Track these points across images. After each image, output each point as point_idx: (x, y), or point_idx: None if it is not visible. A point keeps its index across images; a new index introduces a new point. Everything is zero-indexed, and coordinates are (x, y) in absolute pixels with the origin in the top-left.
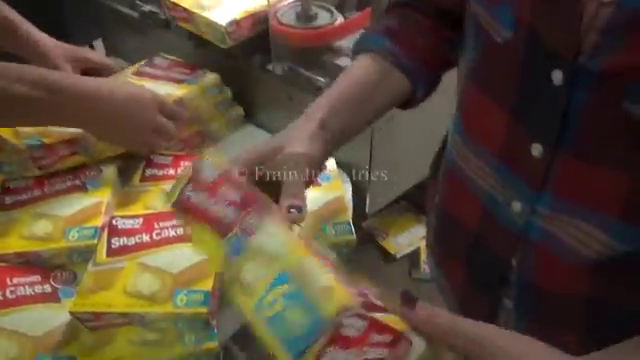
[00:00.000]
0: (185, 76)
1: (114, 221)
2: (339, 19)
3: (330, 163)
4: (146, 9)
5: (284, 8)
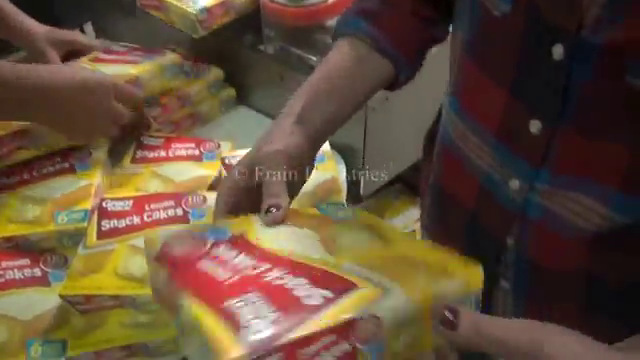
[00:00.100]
0: (141, 57)
1: (104, 203)
2: None
3: (324, 145)
4: None
5: None
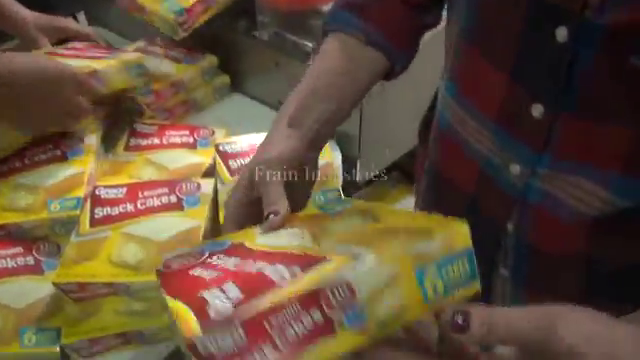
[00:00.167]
0: (104, 54)
1: (97, 191)
2: None
3: None
4: None
5: None
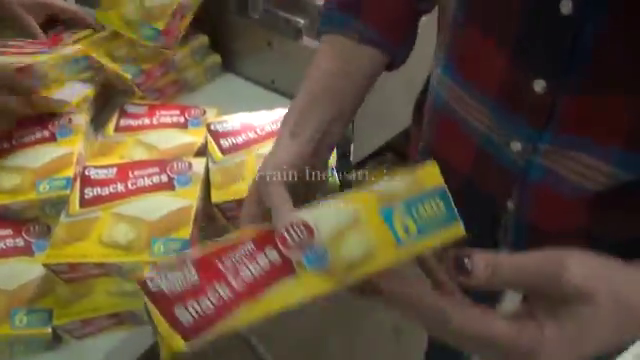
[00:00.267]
0: (43, 50)
1: (87, 171)
2: None
3: None
4: None
5: None
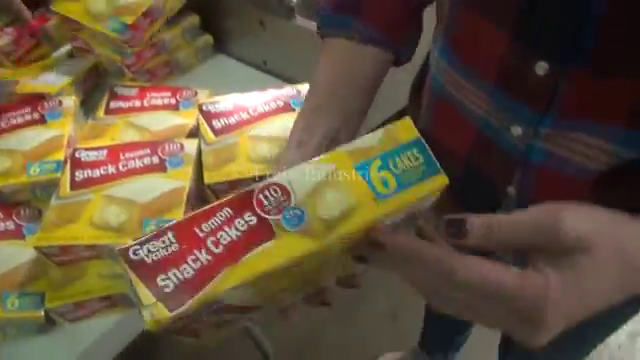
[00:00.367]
0: None
1: (77, 153)
2: None
3: (304, 87)
4: None
5: None
